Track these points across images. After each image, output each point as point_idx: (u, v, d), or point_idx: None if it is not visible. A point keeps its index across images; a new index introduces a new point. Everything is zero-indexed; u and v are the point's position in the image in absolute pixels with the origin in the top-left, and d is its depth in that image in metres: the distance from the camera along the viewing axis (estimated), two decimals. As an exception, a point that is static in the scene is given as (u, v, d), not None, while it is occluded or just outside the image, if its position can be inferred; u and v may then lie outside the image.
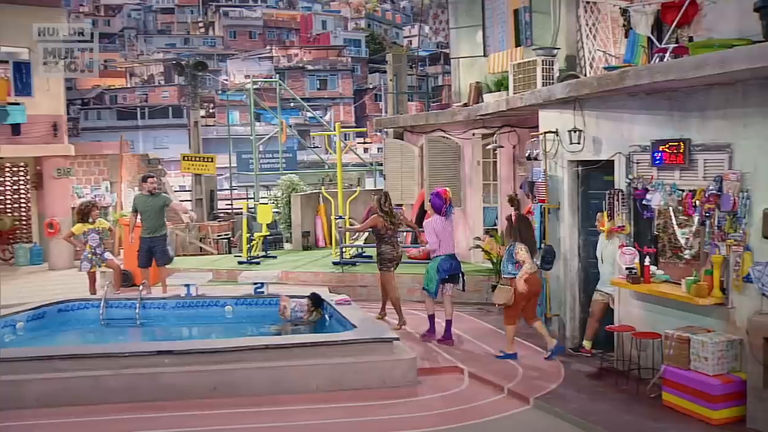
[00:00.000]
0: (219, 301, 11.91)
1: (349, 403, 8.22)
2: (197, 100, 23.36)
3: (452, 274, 10.58)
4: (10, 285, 17.17)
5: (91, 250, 13.05)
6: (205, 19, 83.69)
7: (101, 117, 63.35)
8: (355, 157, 30.54)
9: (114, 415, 7.94)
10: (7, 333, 10.71)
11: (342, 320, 10.16)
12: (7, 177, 20.35)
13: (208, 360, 8.61)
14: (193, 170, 20.91)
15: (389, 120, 17.79)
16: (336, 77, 66.93)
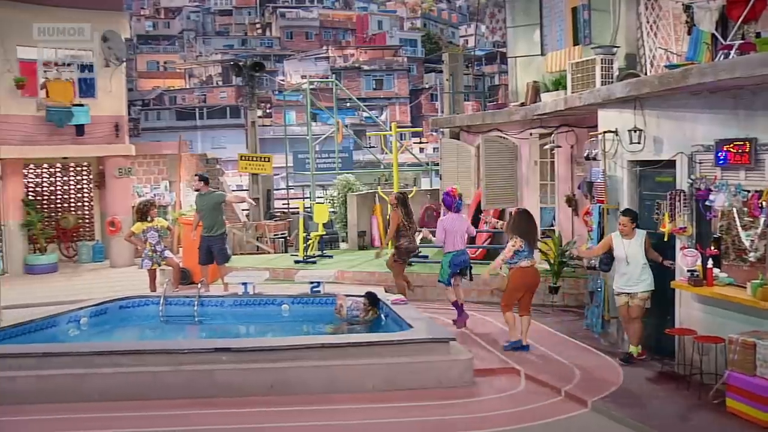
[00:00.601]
0: (276, 300, 12.00)
1: (405, 403, 8.20)
2: (254, 100, 23.56)
3: (462, 267, 11.37)
4: (74, 281, 17.63)
5: (151, 248, 13.29)
6: (263, 20, 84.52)
7: (161, 117, 64.46)
8: (410, 157, 30.53)
9: (171, 410, 8.05)
10: (72, 328, 11.01)
11: (398, 320, 10.14)
12: (71, 176, 20.84)
13: (265, 358, 8.67)
14: (251, 170, 21.12)
15: (445, 120, 17.72)
16: (392, 77, 67.00)
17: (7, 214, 18.88)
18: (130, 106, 46.25)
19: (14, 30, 18.32)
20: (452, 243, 11.21)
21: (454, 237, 11.22)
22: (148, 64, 76.77)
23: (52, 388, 8.37)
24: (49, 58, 19.44)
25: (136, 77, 69.74)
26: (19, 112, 18.51)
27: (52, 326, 10.83)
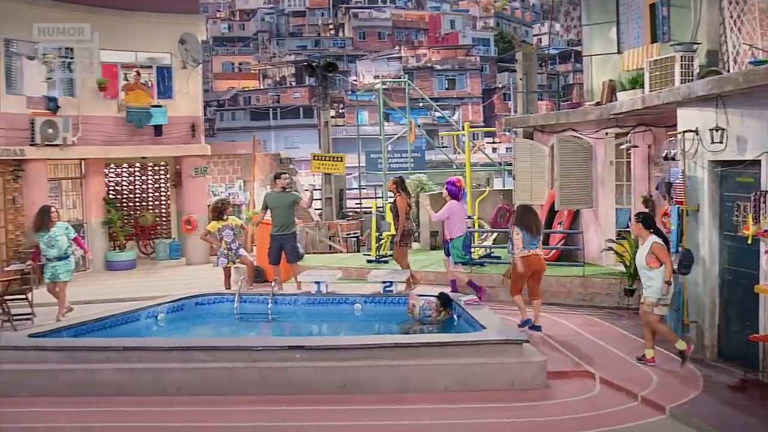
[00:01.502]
0: (348, 299, 12.07)
1: (477, 405, 8.14)
2: (327, 100, 23.77)
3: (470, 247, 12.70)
4: (151, 278, 18.05)
5: (227, 246, 13.50)
6: (335, 21, 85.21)
7: (235, 118, 65.58)
8: (483, 157, 30.29)
9: (246, 406, 8.17)
10: (150, 323, 11.28)
11: (470, 320, 10.09)
12: (149, 176, 21.37)
13: (338, 357, 8.72)
14: (323, 169, 21.29)
15: (519, 119, 17.54)
16: (464, 77, 66.75)
17: (89, 212, 19.45)
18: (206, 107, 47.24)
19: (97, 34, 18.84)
20: (460, 227, 12.23)
21: (461, 221, 12.30)
22: (224, 66, 78.22)
23: (131, 382, 8.59)
24: (129, 61, 20.00)
25: (211, 78, 71.17)
26: (100, 113, 19.05)
27: (131, 321, 11.14)
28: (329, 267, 15.46)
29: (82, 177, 19.43)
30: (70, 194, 19.30)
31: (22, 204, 17.66)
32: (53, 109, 17.94)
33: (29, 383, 8.70)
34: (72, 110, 18.36)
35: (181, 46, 20.01)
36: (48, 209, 13.39)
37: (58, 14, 18.04)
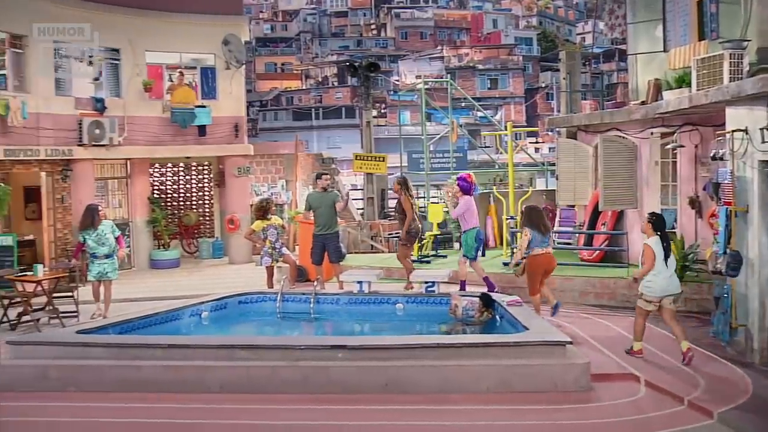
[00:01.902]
0: (390, 299, 12.07)
1: (520, 406, 8.07)
2: (369, 100, 23.77)
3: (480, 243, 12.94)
4: (195, 276, 18.25)
5: (271, 246, 13.59)
6: (377, 21, 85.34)
7: (278, 118, 66.05)
8: (526, 157, 30.17)
9: (289, 405, 8.20)
10: (194, 321, 11.41)
11: (513, 321, 10.02)
12: (193, 175, 21.62)
13: (380, 356, 8.71)
14: (365, 169, 21.33)
15: (562, 119, 17.40)
16: (507, 76, 66.42)
17: (135, 211, 19.74)
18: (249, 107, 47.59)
19: (143, 36, 19.16)
20: (473, 221, 12.69)
21: (473, 216, 12.75)
22: (267, 66, 78.78)
23: (175, 378, 8.68)
24: (174, 62, 20.25)
25: (254, 79, 71.74)
26: (146, 113, 19.34)
27: (176, 319, 11.28)
28: (371, 267, 15.47)
29: (128, 176, 19.73)
30: (116, 193, 19.61)
31: (70, 203, 18.00)
32: (100, 109, 18.26)
33: (77, 378, 8.85)
34: (118, 111, 18.67)
35: (225, 47, 20.21)
36: (96, 208, 13.63)
37: (106, 17, 18.37)
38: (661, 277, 9.38)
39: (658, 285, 9.39)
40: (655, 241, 9.48)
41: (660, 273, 9.38)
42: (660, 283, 9.40)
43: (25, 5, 16.51)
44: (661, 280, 9.39)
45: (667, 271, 9.43)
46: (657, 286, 9.40)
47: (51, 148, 17.13)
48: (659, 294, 9.42)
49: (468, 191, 12.90)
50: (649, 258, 9.39)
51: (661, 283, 9.40)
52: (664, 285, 9.41)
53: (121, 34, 18.78)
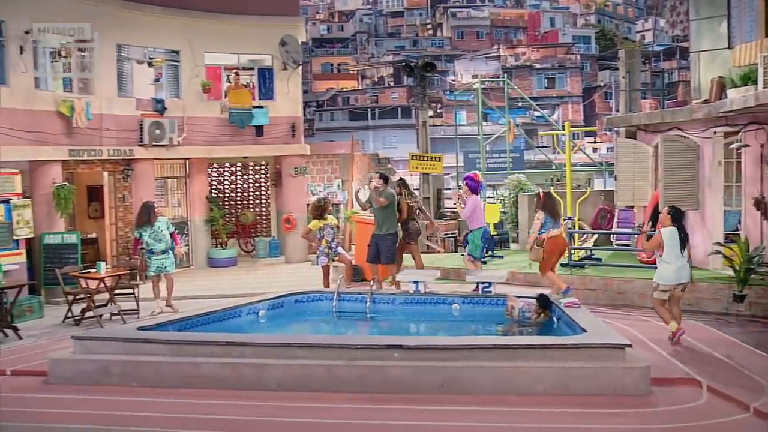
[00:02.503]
0: (446, 299, 12.01)
1: (577, 409, 7.95)
2: (425, 100, 23.74)
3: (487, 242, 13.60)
4: (252, 275, 18.45)
5: (327, 245, 13.67)
6: (433, 21, 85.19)
7: (334, 118, 66.33)
8: (583, 157, 29.82)
9: (345, 403, 8.22)
10: (251, 320, 11.53)
11: (570, 323, 9.90)
12: (250, 175, 21.86)
13: (436, 357, 8.68)
14: (421, 169, 21.30)
15: (621, 118, 17.14)
16: (564, 75, 65.69)
17: (193, 210, 20.05)
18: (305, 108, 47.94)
19: (202, 38, 19.45)
20: (480, 220, 13.13)
21: (481, 215, 13.22)
22: (323, 67, 79.25)
23: (233, 376, 8.78)
24: (232, 63, 20.52)
25: (311, 79, 72.24)
26: (204, 114, 19.64)
27: (233, 317, 11.39)
28: (427, 267, 15.44)
29: (187, 176, 20.05)
30: (175, 193, 19.94)
31: (131, 202, 18.37)
32: (161, 110, 18.59)
33: (138, 374, 9.02)
34: (178, 112, 18.98)
35: (282, 48, 20.39)
36: (152, 205, 14.05)
37: (166, 20, 18.72)
38: (674, 266, 10.06)
39: (673, 274, 10.07)
40: (671, 231, 10.15)
41: (674, 262, 10.07)
42: (674, 272, 10.07)
43: (89, 10, 16.91)
44: (675, 270, 10.07)
45: (681, 260, 10.09)
46: (672, 275, 10.07)
47: (113, 148, 17.50)
48: (674, 282, 10.09)
49: (475, 190, 13.31)
50: (654, 244, 10.32)
51: (675, 272, 10.07)
52: (677, 274, 10.08)
53: (181, 36, 19.11)
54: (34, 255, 15.51)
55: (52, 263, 15.21)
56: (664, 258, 10.16)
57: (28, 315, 13.75)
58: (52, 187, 15.76)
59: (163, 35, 18.93)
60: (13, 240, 14.22)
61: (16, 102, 15.18)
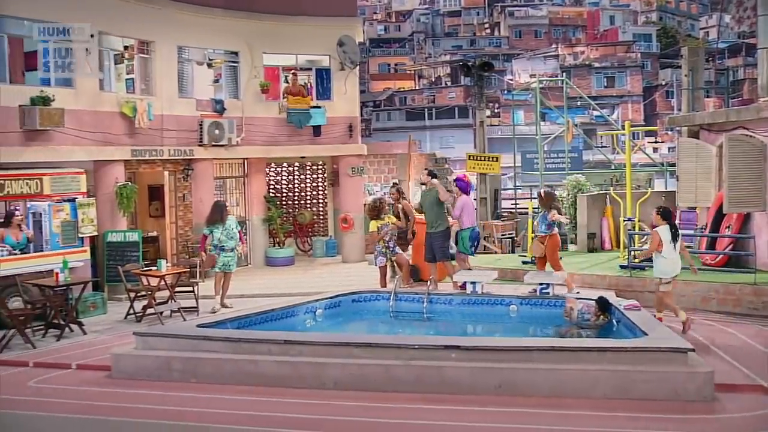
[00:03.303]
0: (504, 300, 11.95)
1: (637, 414, 7.80)
2: (483, 100, 23.65)
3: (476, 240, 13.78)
4: (309, 274, 18.57)
5: (385, 245, 13.68)
6: (491, 20, 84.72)
7: (391, 118, 66.41)
8: (643, 157, 29.32)
9: (402, 403, 8.22)
10: (309, 318, 11.62)
11: (631, 326, 9.74)
12: (307, 174, 22.01)
13: (494, 358, 8.63)
14: (478, 169, 21.20)
15: (684, 118, 16.80)
16: (624, 74, 64.65)
17: (251, 209, 20.26)
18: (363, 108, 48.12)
19: (261, 39, 19.65)
20: (471, 220, 13.56)
21: (471, 215, 13.66)
22: (380, 67, 79.45)
23: (291, 374, 8.85)
24: (290, 63, 20.69)
25: (368, 79, 72.49)
26: (263, 114, 19.83)
27: (291, 316, 11.51)
28: (484, 267, 15.36)
29: (245, 176, 20.27)
30: (234, 192, 20.17)
31: (190, 201, 18.66)
32: (220, 111, 18.83)
33: (198, 370, 9.17)
34: (237, 112, 19.21)
35: (340, 48, 20.47)
36: (224, 204, 14.55)
37: (226, 21, 18.96)
38: (669, 259, 10.99)
39: (670, 267, 11.04)
40: (665, 229, 11.03)
41: (670, 256, 10.99)
42: (672, 265, 11.05)
43: (151, 13, 17.23)
44: (670, 263, 11.02)
45: (675, 254, 11.02)
46: (669, 268, 11.04)
47: (174, 148, 17.78)
48: (672, 274, 11.09)
49: (466, 191, 13.87)
50: (655, 243, 11.03)
51: (672, 264, 11.04)
52: (674, 266, 11.07)
53: (240, 38, 19.34)
54: (98, 252, 15.85)
55: (115, 261, 15.54)
56: (663, 254, 10.97)
57: (92, 311, 14.08)
58: (115, 186, 16.10)
59: (223, 37, 19.18)
60: (78, 238, 14.55)
61: (82, 103, 15.53)
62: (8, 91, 14.16)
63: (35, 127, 14.15)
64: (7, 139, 14.03)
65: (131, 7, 16.76)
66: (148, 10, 17.19)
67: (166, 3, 17.66)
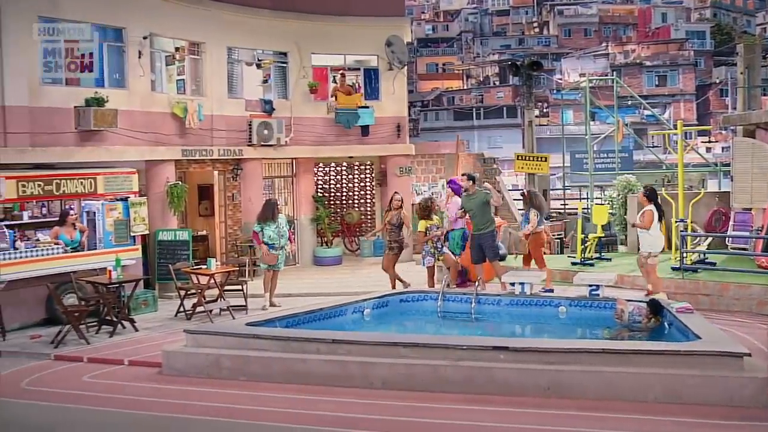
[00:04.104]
0: (553, 301, 11.84)
1: (689, 419, 7.66)
2: (532, 99, 23.45)
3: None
4: (356, 274, 18.61)
5: (432, 245, 13.65)
6: (540, 19, 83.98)
7: (439, 118, 66.23)
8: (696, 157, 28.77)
9: (449, 404, 8.20)
10: (356, 318, 11.65)
11: (683, 329, 9.57)
12: (355, 174, 22.06)
13: (543, 359, 8.56)
14: (527, 170, 21.02)
15: (739, 117, 16.48)
16: (676, 72, 63.50)
17: (300, 209, 20.38)
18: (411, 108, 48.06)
19: (309, 39, 19.75)
20: (461, 221, 13.78)
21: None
22: (428, 67, 79.28)
23: (339, 373, 8.89)
24: (338, 64, 20.77)
25: (416, 79, 72.39)
26: (311, 114, 19.93)
27: (339, 315, 11.57)
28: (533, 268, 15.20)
29: (294, 175, 20.40)
30: (282, 192, 20.30)
31: (239, 201, 18.84)
32: (269, 111, 18.97)
33: (247, 368, 9.26)
34: (285, 112, 19.34)
35: (388, 48, 20.49)
36: (276, 202, 14.72)
37: (274, 22, 19.11)
38: (656, 236, 12.15)
39: (658, 241, 12.21)
40: (653, 208, 12.14)
41: (654, 233, 12.13)
42: (660, 241, 12.25)
43: (201, 15, 17.45)
44: (657, 239, 12.19)
45: (659, 231, 12.23)
46: (659, 243, 12.22)
47: (223, 148, 17.98)
48: (659, 249, 12.19)
49: (458, 193, 14.06)
50: (649, 220, 12.05)
51: (660, 240, 12.26)
52: (660, 242, 12.26)
53: (288, 38, 19.46)
54: (149, 251, 16.09)
55: (165, 259, 15.77)
56: (651, 231, 12.10)
57: (143, 308, 14.30)
58: (166, 185, 16.32)
59: (272, 37, 19.33)
60: (130, 236, 14.78)
61: (134, 104, 15.78)
62: (64, 92, 14.49)
63: (89, 128, 14.44)
64: (63, 139, 14.35)
65: (182, 10, 17.00)
66: (199, 12, 17.42)
67: (216, 5, 17.86)
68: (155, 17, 16.27)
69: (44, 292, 12.66)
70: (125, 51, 15.66)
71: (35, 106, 13.98)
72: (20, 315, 13.06)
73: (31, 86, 13.93)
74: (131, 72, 15.72)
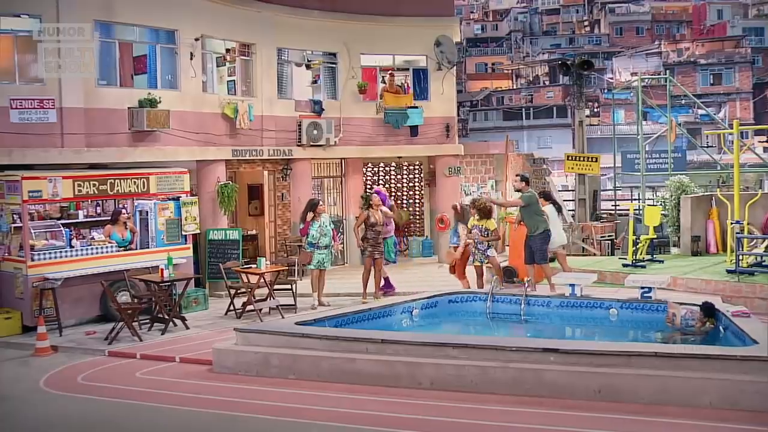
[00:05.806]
0: (604, 303, 11.68)
1: (747, 426, 7.49)
2: (582, 99, 23.18)
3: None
4: (405, 274, 18.59)
5: (474, 245, 13.56)
6: (590, 18, 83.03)
7: (488, 118, 65.88)
8: (753, 157, 28.18)
9: (498, 405, 8.16)
10: (405, 318, 11.66)
11: (739, 334, 9.35)
12: (404, 174, 22.04)
13: (594, 362, 8.44)
14: (577, 170, 20.79)
15: (797, 116, 16.04)
16: (732, 71, 62.15)
17: (348, 209, 20.44)
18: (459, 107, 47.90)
19: (358, 40, 19.80)
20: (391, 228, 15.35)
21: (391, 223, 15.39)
22: (477, 66, 78.90)
23: (387, 372, 8.90)
24: (387, 64, 20.78)
25: (465, 79, 72.13)
26: (360, 114, 19.98)
27: (388, 315, 11.57)
28: (583, 269, 15.05)
29: (343, 175, 20.47)
30: (331, 192, 20.39)
31: (289, 200, 18.97)
32: (318, 111, 19.07)
33: (296, 367, 9.32)
34: (335, 112, 19.41)
35: (437, 48, 20.45)
36: (318, 201, 14.72)
37: (324, 23, 19.20)
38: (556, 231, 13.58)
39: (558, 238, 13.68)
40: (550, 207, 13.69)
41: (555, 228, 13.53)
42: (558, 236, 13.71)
43: (252, 16, 17.63)
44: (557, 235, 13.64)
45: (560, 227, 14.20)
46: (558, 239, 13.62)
47: (273, 148, 18.12)
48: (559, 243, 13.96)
49: (385, 203, 15.41)
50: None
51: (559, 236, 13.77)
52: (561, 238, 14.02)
53: (338, 39, 19.53)
54: (200, 250, 16.29)
55: (216, 258, 15.95)
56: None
57: (194, 306, 14.49)
58: (216, 185, 16.51)
59: (321, 38, 19.43)
60: (181, 235, 14.98)
61: (186, 105, 15.99)
62: (118, 94, 14.77)
63: (143, 128, 14.68)
64: (117, 140, 14.63)
65: (233, 11, 17.19)
66: (249, 14, 17.59)
67: (266, 6, 18.01)
68: (206, 19, 16.48)
69: (99, 289, 12.90)
70: (177, 53, 15.88)
71: (90, 107, 14.28)
72: (76, 311, 13.33)
73: (87, 88, 14.22)
74: (183, 73, 15.93)
